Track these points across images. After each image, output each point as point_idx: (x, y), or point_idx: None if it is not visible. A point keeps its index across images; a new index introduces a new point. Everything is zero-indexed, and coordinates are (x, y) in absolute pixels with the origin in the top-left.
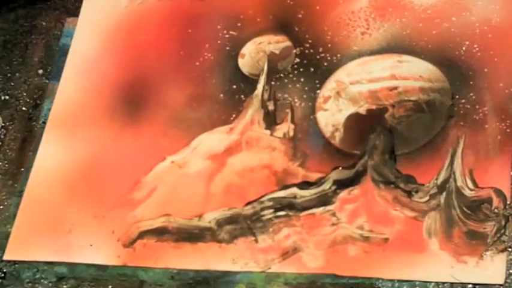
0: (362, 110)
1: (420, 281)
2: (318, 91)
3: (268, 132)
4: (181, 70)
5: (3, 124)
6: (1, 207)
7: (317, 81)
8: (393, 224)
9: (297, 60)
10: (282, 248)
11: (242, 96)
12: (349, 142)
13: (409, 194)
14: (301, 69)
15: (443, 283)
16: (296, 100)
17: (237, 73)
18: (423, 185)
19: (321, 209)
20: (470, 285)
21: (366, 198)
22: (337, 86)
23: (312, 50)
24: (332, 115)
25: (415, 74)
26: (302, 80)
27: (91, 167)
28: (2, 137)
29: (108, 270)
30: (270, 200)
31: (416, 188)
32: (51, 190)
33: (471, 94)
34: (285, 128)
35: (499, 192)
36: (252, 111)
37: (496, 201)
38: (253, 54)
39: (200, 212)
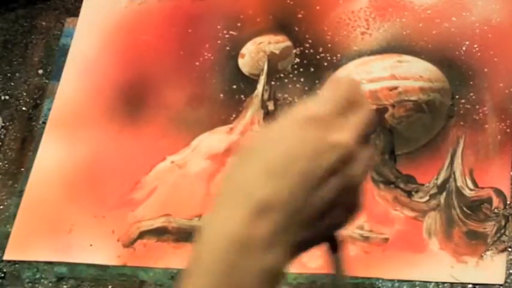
0: None
1: (420, 281)
2: (318, 91)
3: None
4: (181, 70)
5: (3, 124)
6: (1, 207)
7: (317, 81)
8: (393, 224)
9: (297, 60)
10: None
11: (242, 96)
12: None
13: (409, 194)
14: (301, 69)
15: (443, 283)
16: (296, 100)
17: (237, 73)
18: (423, 185)
19: None
20: (470, 285)
21: (365, 198)
22: None
23: (312, 50)
24: None
25: (415, 74)
26: (302, 80)
27: (91, 167)
28: (2, 137)
29: (108, 270)
30: None
31: (416, 188)
32: (51, 190)
33: (471, 94)
34: None
35: (499, 192)
36: (252, 111)
37: (496, 201)
38: (253, 54)
39: (200, 212)
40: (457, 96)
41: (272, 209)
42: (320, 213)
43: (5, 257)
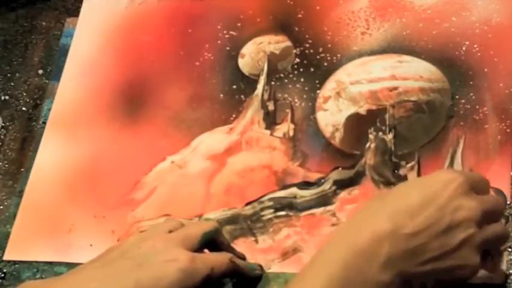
0: (362, 111)
1: None
2: (318, 91)
3: (268, 132)
4: (182, 70)
5: (3, 124)
6: (1, 207)
7: (317, 81)
8: None
9: (297, 60)
10: (282, 249)
11: (242, 96)
12: (349, 142)
13: None
14: (301, 69)
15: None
16: (296, 100)
17: (237, 73)
18: None
19: (321, 209)
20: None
21: (366, 198)
22: (337, 86)
23: (312, 50)
24: (332, 115)
25: (415, 74)
26: (302, 80)
27: (91, 167)
28: (2, 137)
29: None
30: (270, 200)
31: None
32: (51, 190)
33: (471, 94)
34: (285, 127)
35: (499, 192)
36: (252, 111)
37: None
38: (254, 55)
39: (200, 212)
40: (457, 96)
41: (396, 237)
42: (434, 258)
43: (5, 257)
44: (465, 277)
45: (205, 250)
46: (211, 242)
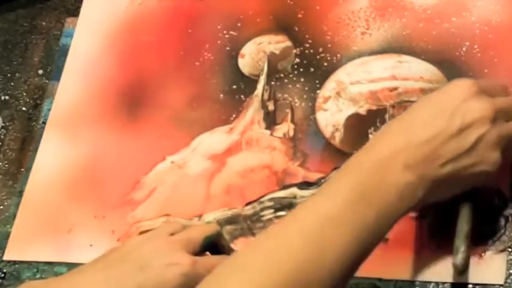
0: (362, 111)
1: (420, 281)
2: (318, 91)
3: (268, 132)
4: (182, 70)
5: (3, 124)
6: (1, 207)
7: (317, 81)
8: None
9: (297, 60)
10: None
11: (242, 96)
12: (349, 142)
13: None
14: (301, 69)
15: (443, 283)
16: (296, 100)
17: (237, 73)
18: None
19: None
20: (470, 285)
21: None
22: (337, 86)
23: (312, 50)
24: (332, 115)
25: (415, 75)
26: (302, 80)
27: (91, 167)
28: (2, 137)
29: None
30: (270, 200)
31: None
32: (51, 190)
33: None
34: (285, 127)
35: (499, 193)
36: (252, 111)
37: (496, 201)
38: (253, 55)
39: (200, 212)
40: None
41: (410, 146)
42: (451, 159)
43: (5, 257)
44: (487, 173)
45: (207, 253)
46: (213, 244)
